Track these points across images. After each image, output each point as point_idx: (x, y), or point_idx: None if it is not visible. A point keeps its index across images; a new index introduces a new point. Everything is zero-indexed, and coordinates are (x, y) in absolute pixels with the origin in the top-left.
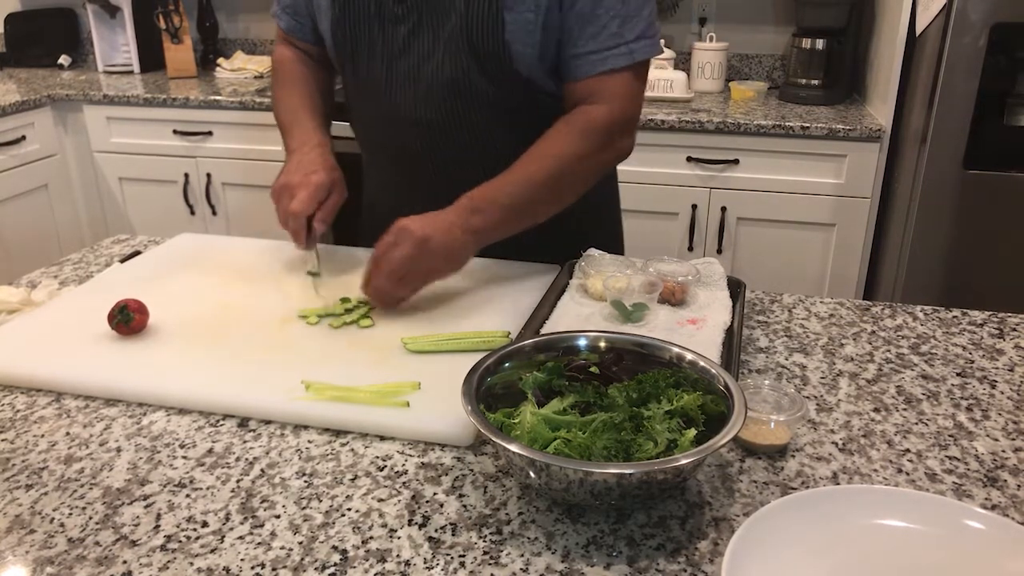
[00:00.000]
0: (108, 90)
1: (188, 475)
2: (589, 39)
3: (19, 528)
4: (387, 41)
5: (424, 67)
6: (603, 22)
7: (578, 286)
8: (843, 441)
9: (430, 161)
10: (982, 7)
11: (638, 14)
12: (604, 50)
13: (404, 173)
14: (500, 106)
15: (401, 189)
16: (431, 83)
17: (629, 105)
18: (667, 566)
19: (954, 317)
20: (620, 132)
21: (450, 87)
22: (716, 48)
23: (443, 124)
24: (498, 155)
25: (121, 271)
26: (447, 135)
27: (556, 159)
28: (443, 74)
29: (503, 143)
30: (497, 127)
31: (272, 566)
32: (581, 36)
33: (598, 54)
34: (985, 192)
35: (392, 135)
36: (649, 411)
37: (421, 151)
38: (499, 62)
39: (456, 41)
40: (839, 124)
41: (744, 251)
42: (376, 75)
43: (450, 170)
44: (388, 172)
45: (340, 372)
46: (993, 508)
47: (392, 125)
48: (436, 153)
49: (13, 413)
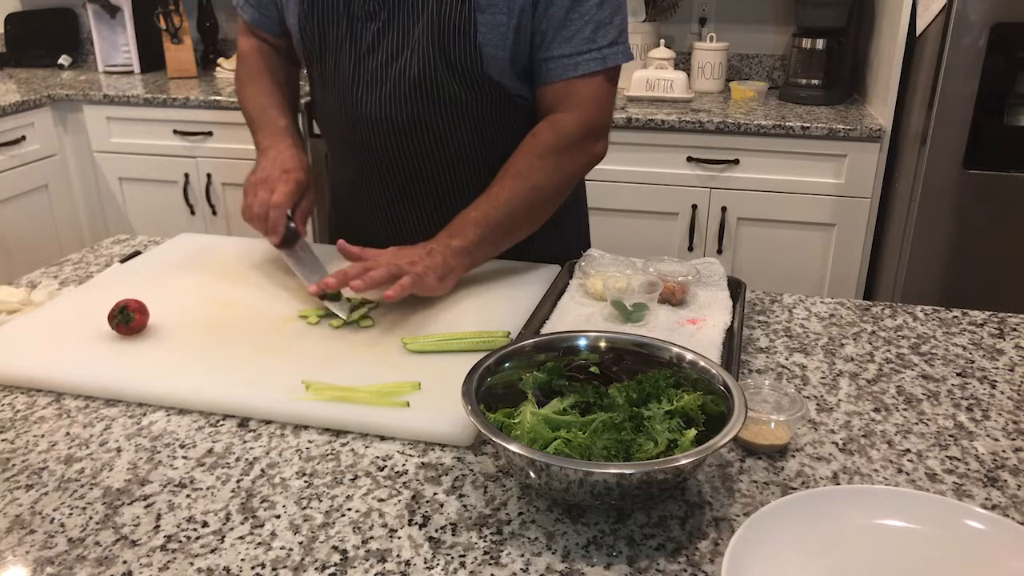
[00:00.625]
0: (108, 90)
1: (188, 475)
2: (563, 43)
3: (19, 528)
4: (355, 38)
5: (392, 66)
6: (577, 27)
7: (578, 286)
8: (843, 441)
9: (393, 160)
10: (982, 7)
11: (611, 21)
12: (577, 54)
13: (367, 171)
14: (466, 108)
15: (364, 186)
16: (397, 82)
17: (600, 111)
18: (667, 566)
19: (954, 317)
20: (592, 138)
21: (417, 87)
22: (716, 48)
23: (408, 124)
24: (462, 156)
25: (121, 271)
26: (411, 136)
27: (531, 176)
28: (410, 74)
29: (468, 145)
30: (462, 129)
31: (272, 566)
32: (555, 40)
33: (571, 58)
34: (985, 192)
35: (356, 132)
36: (649, 411)
37: (385, 150)
38: (469, 64)
39: (426, 41)
40: (839, 124)
41: (744, 251)
42: (343, 72)
43: (413, 170)
44: (352, 168)
45: (340, 372)
46: (993, 508)
47: (357, 123)
48: (400, 153)
49: (13, 413)
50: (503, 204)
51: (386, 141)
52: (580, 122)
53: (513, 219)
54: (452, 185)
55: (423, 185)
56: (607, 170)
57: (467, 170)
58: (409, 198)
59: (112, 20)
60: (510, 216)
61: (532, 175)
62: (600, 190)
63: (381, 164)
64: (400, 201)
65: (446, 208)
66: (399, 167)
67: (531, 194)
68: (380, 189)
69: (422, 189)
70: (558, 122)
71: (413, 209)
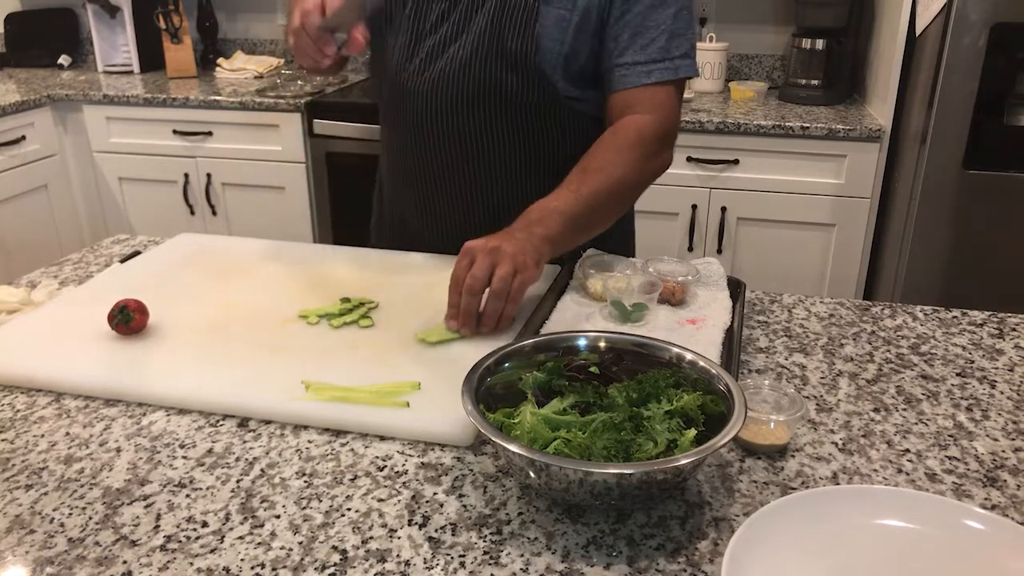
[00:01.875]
0: (108, 90)
1: (188, 475)
2: (639, 50)
3: (19, 528)
4: (420, 15)
5: (448, 48)
6: (652, 35)
7: (578, 286)
8: (843, 441)
9: (433, 139)
10: (982, 7)
11: (685, 33)
12: (651, 62)
13: (409, 160)
14: (511, 98)
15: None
16: (448, 64)
17: (673, 118)
18: (667, 566)
19: (954, 317)
20: (667, 143)
21: (466, 68)
22: (716, 48)
23: (452, 105)
24: (498, 146)
25: (121, 271)
26: (453, 117)
27: (614, 171)
28: (463, 54)
29: (506, 136)
30: (504, 119)
31: (272, 566)
32: (630, 47)
33: (645, 66)
34: (985, 192)
35: (403, 113)
36: (649, 411)
37: (427, 127)
38: (523, 53)
39: (485, 24)
40: (839, 124)
41: (744, 251)
42: (401, 48)
43: (449, 152)
44: (397, 156)
45: (340, 372)
46: (993, 508)
47: (405, 102)
48: (440, 133)
49: (13, 413)
50: (586, 197)
51: (430, 118)
52: (658, 124)
53: (595, 213)
54: (484, 173)
55: (456, 169)
56: None
57: (500, 161)
58: (440, 179)
59: (112, 20)
60: (592, 210)
61: (615, 170)
62: None
63: (422, 152)
64: (432, 181)
65: (472, 196)
66: (438, 146)
67: (612, 189)
68: (417, 168)
69: (454, 173)
70: (638, 122)
71: (441, 191)
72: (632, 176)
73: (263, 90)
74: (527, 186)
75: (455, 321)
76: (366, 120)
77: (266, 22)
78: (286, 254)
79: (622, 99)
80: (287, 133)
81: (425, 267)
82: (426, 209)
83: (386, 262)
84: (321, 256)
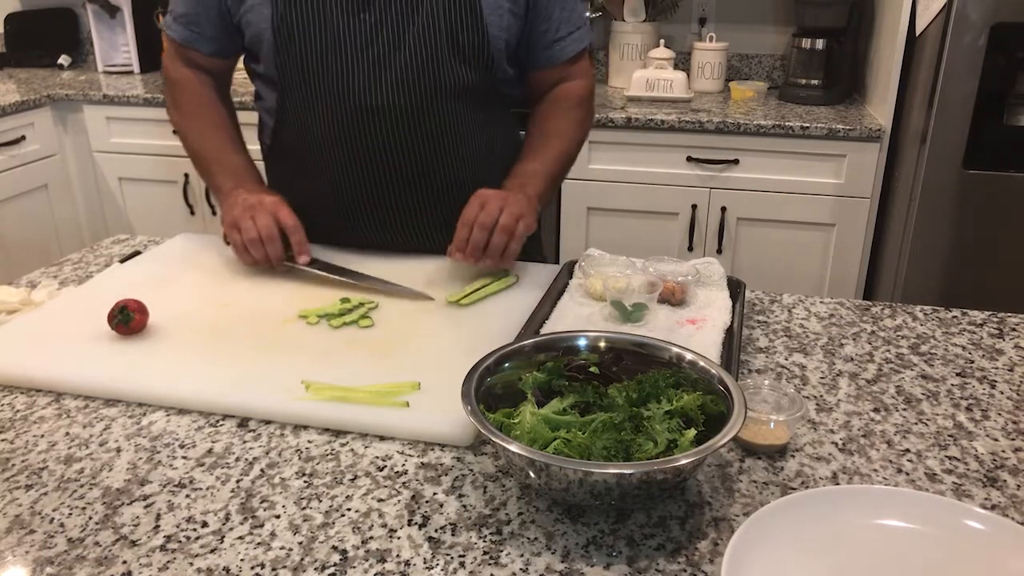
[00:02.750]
0: (108, 90)
1: (188, 475)
2: (566, 22)
3: (19, 528)
4: (351, 31)
5: (395, 55)
6: (572, 4)
7: (578, 286)
8: (843, 441)
9: (390, 151)
10: (982, 7)
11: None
12: (576, 30)
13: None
14: (467, 93)
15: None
16: (404, 70)
17: (594, 79)
18: (667, 566)
19: (954, 317)
20: (593, 104)
21: (423, 73)
22: (716, 48)
23: (411, 112)
24: (458, 143)
25: (121, 271)
26: (413, 124)
27: (568, 134)
28: (417, 60)
29: (465, 132)
30: (463, 115)
31: (272, 566)
32: (562, 20)
33: (573, 36)
34: (985, 192)
35: (349, 127)
36: (649, 411)
37: (383, 141)
38: (478, 45)
39: (431, 24)
40: (839, 124)
41: (744, 251)
42: (335, 66)
43: (410, 159)
44: (333, 170)
45: (340, 372)
46: (993, 508)
47: (352, 115)
48: (399, 144)
49: (13, 413)
50: (555, 158)
51: (387, 131)
52: (589, 88)
53: (562, 172)
54: (446, 173)
55: (417, 174)
56: (607, 170)
57: (462, 157)
58: (400, 190)
59: (112, 20)
60: (561, 169)
61: (570, 133)
62: (600, 190)
63: (376, 157)
64: (389, 195)
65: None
66: (396, 157)
67: (571, 150)
68: (371, 184)
69: (415, 178)
70: (576, 88)
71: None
72: (581, 136)
73: None
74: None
75: (460, 253)
76: None
77: None
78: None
79: (558, 71)
80: None
81: (425, 267)
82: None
83: (386, 262)
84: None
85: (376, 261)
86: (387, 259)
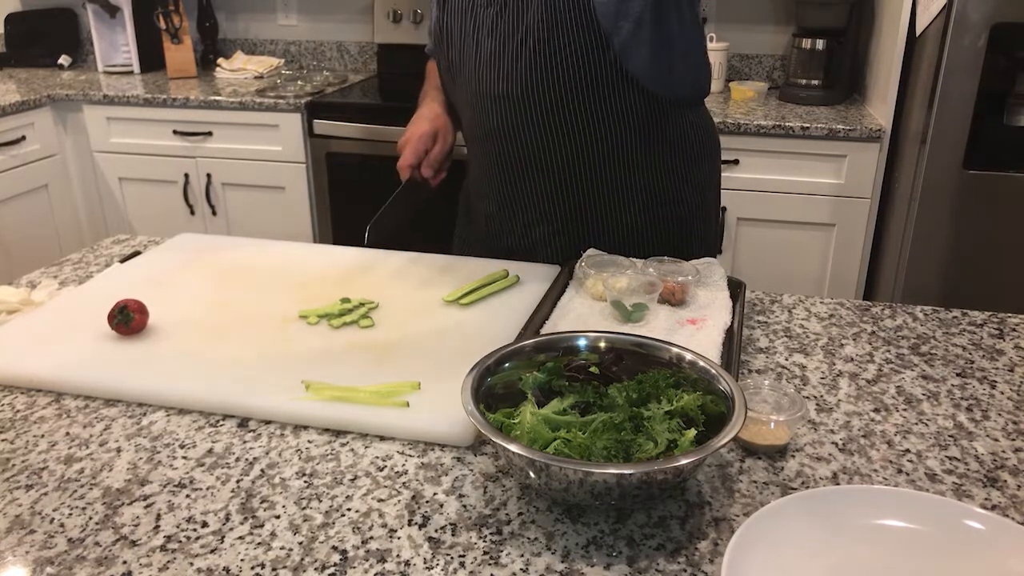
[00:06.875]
0: (108, 90)
1: (188, 475)
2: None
3: (19, 528)
4: (477, 24)
5: (509, 43)
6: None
7: (578, 286)
8: (843, 441)
9: (513, 142)
10: (982, 7)
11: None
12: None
13: (491, 161)
14: (579, 80)
15: (487, 178)
16: (516, 57)
17: None
18: (667, 566)
19: (954, 317)
20: None
21: (533, 59)
22: (716, 48)
23: (524, 98)
24: (572, 130)
25: (121, 271)
26: (527, 110)
27: None
28: (527, 48)
29: (577, 118)
30: (573, 101)
31: (272, 566)
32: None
33: None
34: (985, 192)
35: (478, 115)
36: (649, 411)
37: (504, 131)
38: (586, 27)
39: (542, 10)
40: (839, 124)
41: (744, 251)
42: (468, 59)
43: (525, 145)
44: (481, 164)
45: (340, 372)
46: (993, 508)
47: (479, 107)
48: (518, 132)
49: (13, 413)
50: None
51: (504, 118)
52: None
53: None
54: (564, 160)
55: (534, 160)
56: None
57: (577, 145)
58: (521, 177)
59: (112, 20)
60: None
61: None
62: None
63: (501, 147)
64: (511, 181)
65: (556, 182)
66: (517, 147)
67: None
68: (496, 170)
69: (533, 164)
70: None
71: (523, 186)
72: None
73: (263, 90)
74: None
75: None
76: (366, 120)
77: (266, 22)
78: (286, 254)
79: None
80: (287, 133)
81: (425, 267)
82: (506, 202)
83: (386, 262)
84: (321, 256)
85: (376, 261)
86: (387, 259)
